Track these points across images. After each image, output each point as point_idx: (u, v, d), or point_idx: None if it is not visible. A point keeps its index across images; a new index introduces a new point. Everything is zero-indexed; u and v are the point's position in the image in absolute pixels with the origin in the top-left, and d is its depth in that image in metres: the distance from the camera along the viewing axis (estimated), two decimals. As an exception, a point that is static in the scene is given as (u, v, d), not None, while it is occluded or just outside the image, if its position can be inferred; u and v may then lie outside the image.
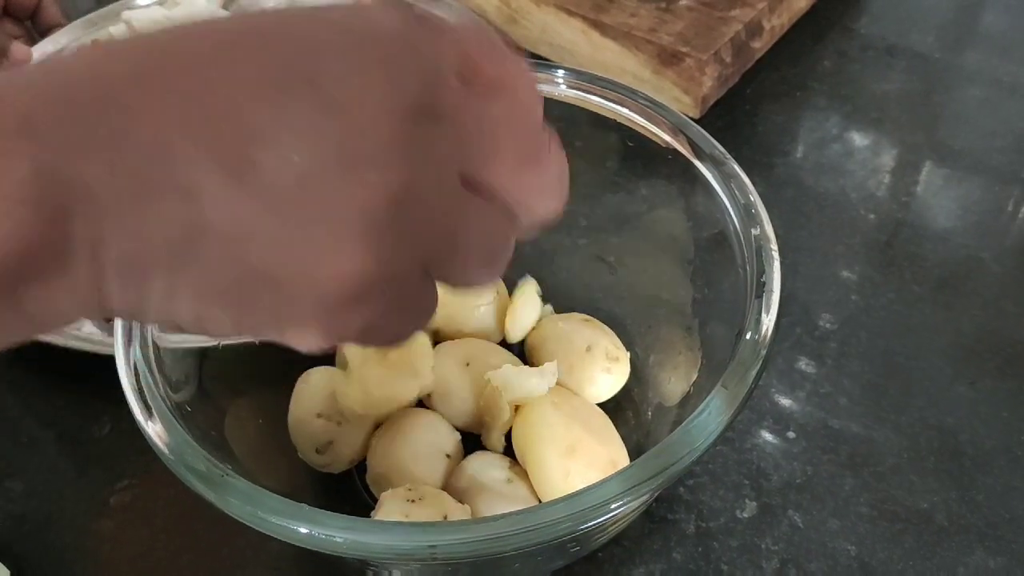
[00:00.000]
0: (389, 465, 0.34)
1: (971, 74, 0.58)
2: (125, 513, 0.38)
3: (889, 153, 0.53)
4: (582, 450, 0.32)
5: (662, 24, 0.54)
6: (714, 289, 0.35)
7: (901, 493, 0.37)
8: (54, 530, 0.37)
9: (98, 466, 0.39)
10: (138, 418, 0.27)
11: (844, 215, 0.49)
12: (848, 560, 0.35)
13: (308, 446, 0.34)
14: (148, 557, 0.36)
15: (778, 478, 0.38)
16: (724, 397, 0.26)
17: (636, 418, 0.37)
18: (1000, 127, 0.54)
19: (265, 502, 0.25)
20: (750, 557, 0.36)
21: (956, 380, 0.41)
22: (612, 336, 0.37)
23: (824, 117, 0.56)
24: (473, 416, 0.36)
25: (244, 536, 0.37)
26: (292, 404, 0.36)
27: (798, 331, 0.43)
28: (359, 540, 0.24)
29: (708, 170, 0.33)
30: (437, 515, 0.31)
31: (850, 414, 0.40)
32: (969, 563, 0.35)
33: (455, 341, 0.38)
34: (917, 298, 0.45)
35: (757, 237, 0.30)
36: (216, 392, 0.33)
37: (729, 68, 0.55)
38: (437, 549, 0.23)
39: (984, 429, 0.39)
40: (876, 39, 0.61)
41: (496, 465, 0.34)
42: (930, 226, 0.49)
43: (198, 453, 0.26)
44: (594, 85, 0.36)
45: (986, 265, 0.46)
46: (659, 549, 0.36)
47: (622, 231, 0.39)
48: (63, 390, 0.43)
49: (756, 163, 0.52)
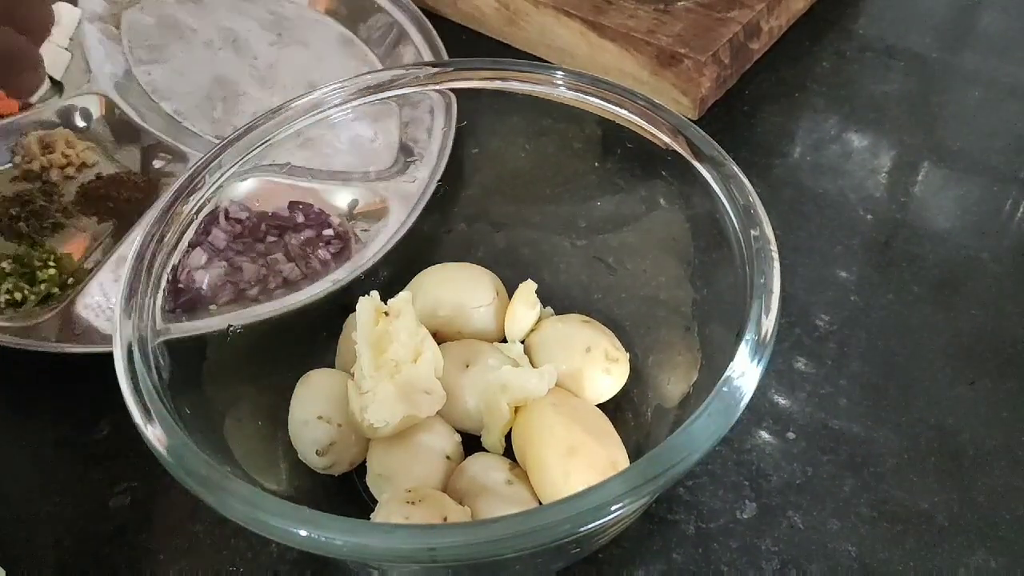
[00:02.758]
0: (389, 467, 0.34)
1: (969, 75, 0.58)
2: (124, 516, 0.38)
3: (887, 154, 0.53)
4: (582, 451, 0.32)
5: (660, 26, 0.54)
6: (713, 290, 0.35)
7: (901, 493, 0.37)
8: (53, 533, 0.37)
9: (97, 469, 0.39)
10: (137, 421, 0.27)
11: (843, 216, 0.49)
12: (849, 561, 0.35)
13: (308, 448, 0.34)
14: (147, 560, 0.36)
15: (778, 479, 0.38)
16: (724, 398, 0.26)
17: (636, 419, 0.37)
18: (998, 127, 0.54)
19: (265, 505, 0.25)
20: (750, 558, 0.36)
21: (956, 380, 0.41)
22: (612, 337, 0.37)
23: (822, 118, 0.56)
24: (473, 418, 0.36)
25: (244, 538, 0.37)
26: (292, 406, 0.36)
27: (797, 332, 0.43)
28: (359, 543, 0.24)
29: (707, 171, 0.33)
30: (437, 517, 0.31)
31: (850, 415, 0.40)
32: (970, 563, 0.35)
33: (455, 342, 0.38)
34: (916, 298, 0.45)
35: (756, 238, 0.30)
36: (215, 395, 0.33)
37: (727, 69, 0.55)
38: (437, 552, 0.23)
39: (984, 429, 0.39)
40: (874, 40, 0.61)
41: (496, 467, 0.34)
42: (929, 226, 0.49)
43: (197, 456, 0.26)
44: (593, 87, 0.36)
45: (985, 265, 0.46)
46: (659, 550, 0.36)
47: (621, 232, 0.40)
48: (63, 393, 0.42)
49: (755, 164, 0.53)
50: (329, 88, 0.37)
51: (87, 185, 0.51)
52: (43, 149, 0.52)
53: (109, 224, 0.49)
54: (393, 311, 0.34)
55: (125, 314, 0.30)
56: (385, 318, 0.34)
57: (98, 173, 0.52)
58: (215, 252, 0.38)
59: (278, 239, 0.42)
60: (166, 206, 0.34)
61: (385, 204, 0.44)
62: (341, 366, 0.39)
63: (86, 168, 0.53)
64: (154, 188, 0.51)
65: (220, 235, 0.38)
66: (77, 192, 0.51)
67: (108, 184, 0.51)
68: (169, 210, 0.33)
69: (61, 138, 0.53)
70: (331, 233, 0.43)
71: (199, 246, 0.36)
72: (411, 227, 0.42)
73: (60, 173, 0.52)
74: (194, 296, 0.37)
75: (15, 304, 0.44)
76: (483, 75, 0.38)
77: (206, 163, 0.35)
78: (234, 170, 0.36)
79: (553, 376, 0.35)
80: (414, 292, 0.38)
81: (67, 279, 0.46)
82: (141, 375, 0.28)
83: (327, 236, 0.43)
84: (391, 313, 0.34)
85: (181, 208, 0.34)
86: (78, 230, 0.49)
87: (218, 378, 0.33)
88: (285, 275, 0.41)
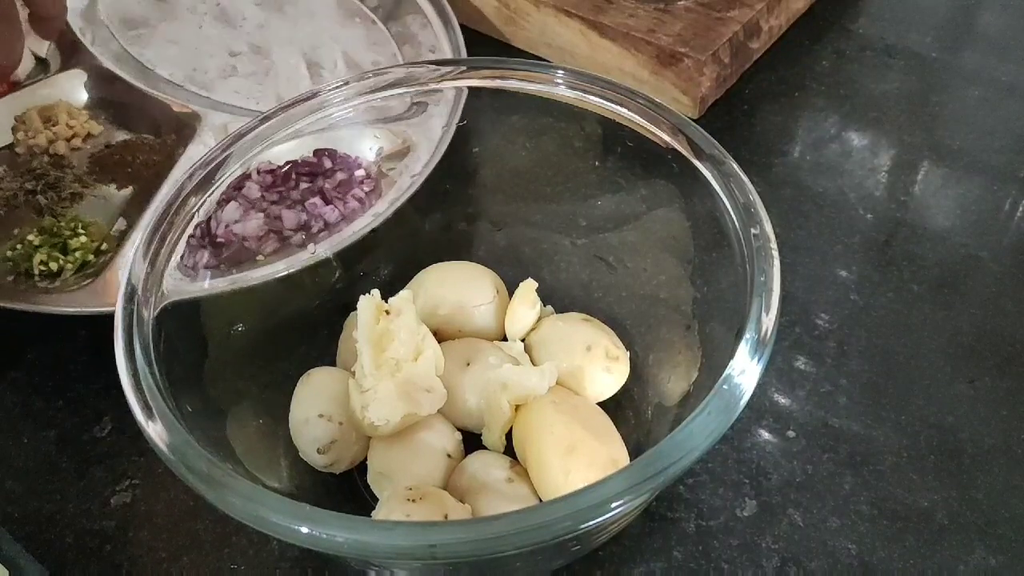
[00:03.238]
0: (390, 465, 0.34)
1: (969, 74, 0.58)
2: (126, 513, 0.38)
3: (887, 153, 0.53)
4: (582, 449, 0.32)
5: (661, 25, 0.54)
6: (713, 288, 0.35)
7: (901, 491, 0.37)
8: (55, 530, 0.37)
9: (99, 466, 0.40)
10: (139, 419, 0.27)
11: (842, 215, 0.49)
12: (848, 559, 0.35)
13: (309, 446, 0.35)
14: (149, 557, 0.36)
15: (778, 477, 0.38)
16: (724, 396, 0.26)
17: (636, 417, 0.37)
18: (998, 126, 0.54)
19: (266, 502, 0.25)
20: (750, 556, 0.36)
21: (955, 379, 0.41)
22: (612, 336, 0.38)
23: (822, 117, 0.56)
24: (474, 416, 0.36)
25: (245, 536, 0.37)
26: (293, 404, 0.36)
27: (797, 330, 0.44)
28: (360, 539, 0.24)
29: (707, 170, 0.33)
30: (438, 514, 0.31)
31: (849, 413, 0.40)
32: (969, 561, 0.35)
33: (455, 341, 0.38)
34: (916, 297, 0.45)
35: (756, 236, 0.30)
36: (217, 393, 0.33)
37: (727, 68, 0.55)
38: (437, 548, 0.23)
39: (983, 427, 0.39)
40: (874, 39, 0.61)
41: (497, 465, 0.34)
42: (928, 225, 0.49)
43: (199, 453, 0.26)
44: (593, 86, 0.36)
45: (984, 264, 0.46)
46: (659, 548, 0.36)
47: (622, 231, 0.40)
48: (63, 390, 0.43)
49: (754, 163, 0.53)
50: (330, 88, 0.38)
51: (99, 154, 0.51)
52: (45, 123, 0.51)
53: (129, 189, 0.49)
54: (394, 310, 0.34)
55: (126, 312, 0.30)
56: (386, 316, 0.34)
57: (107, 142, 0.51)
58: (250, 204, 0.38)
59: (311, 185, 0.42)
60: (171, 200, 0.34)
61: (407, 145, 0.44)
62: (342, 364, 0.39)
63: (92, 138, 0.52)
64: (170, 151, 0.51)
65: (253, 187, 0.39)
66: (89, 161, 0.50)
67: (122, 150, 0.51)
68: (166, 215, 0.34)
69: (62, 110, 0.52)
70: (363, 174, 0.44)
71: (232, 201, 0.36)
72: (412, 226, 0.42)
73: (66, 145, 0.51)
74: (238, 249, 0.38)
75: (51, 275, 0.44)
76: (484, 74, 0.38)
77: (210, 164, 0.35)
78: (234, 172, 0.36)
79: (553, 374, 0.35)
80: (415, 291, 0.38)
81: (100, 245, 0.45)
82: (143, 372, 0.28)
83: (359, 177, 0.44)
84: (392, 312, 0.34)
85: (184, 206, 0.34)
86: (99, 198, 0.49)
87: (220, 376, 0.33)
88: (326, 218, 0.42)
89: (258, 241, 0.40)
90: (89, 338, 0.45)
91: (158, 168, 0.50)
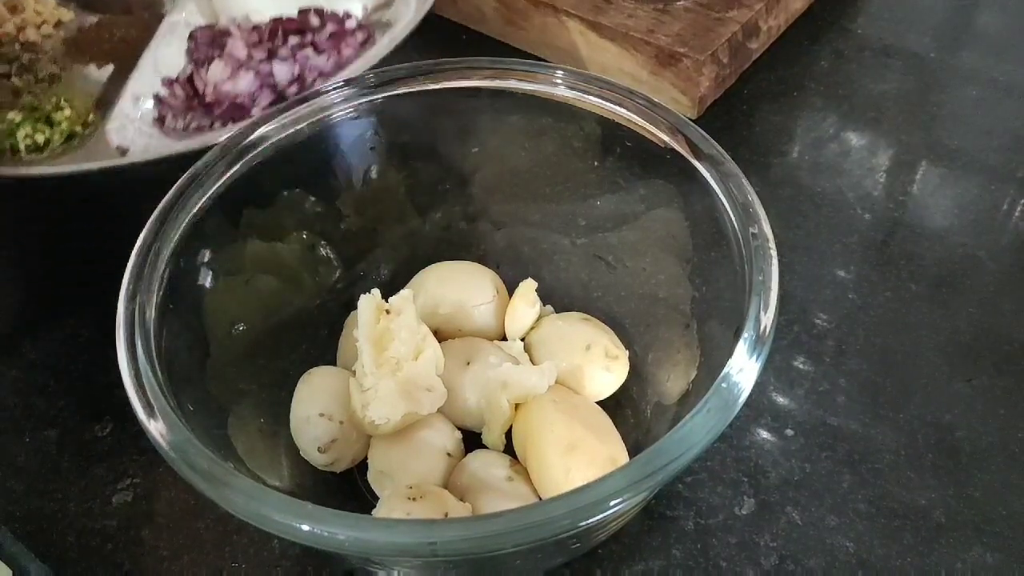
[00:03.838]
0: (390, 463, 0.34)
1: (967, 74, 0.59)
2: (127, 512, 0.38)
3: (886, 152, 0.54)
4: (582, 448, 0.32)
5: (660, 25, 0.54)
6: (712, 288, 0.35)
7: (899, 490, 0.38)
8: (56, 530, 0.38)
9: (100, 465, 0.40)
10: (140, 417, 0.27)
11: (841, 214, 0.49)
12: (846, 556, 0.36)
13: (310, 445, 0.35)
14: (150, 556, 0.37)
15: (776, 475, 0.38)
16: (722, 395, 0.27)
17: (635, 416, 0.37)
18: (996, 126, 0.55)
19: (268, 500, 0.25)
20: (748, 554, 0.36)
21: (953, 377, 0.42)
22: (611, 335, 0.38)
23: (821, 117, 0.56)
24: (474, 415, 0.36)
25: (246, 534, 0.37)
26: (294, 403, 0.36)
27: (796, 329, 0.44)
28: (361, 537, 0.24)
29: (706, 170, 0.33)
30: (438, 513, 0.31)
31: (848, 412, 0.40)
32: (967, 559, 0.35)
33: (456, 340, 0.38)
34: (914, 296, 0.45)
35: (755, 236, 0.30)
36: (218, 391, 0.33)
37: (726, 69, 0.55)
38: (438, 546, 0.23)
39: (981, 426, 0.40)
40: (872, 39, 0.62)
41: (497, 463, 0.34)
42: (927, 225, 0.49)
43: (200, 452, 0.26)
44: (592, 86, 0.36)
45: (983, 263, 0.47)
46: (658, 546, 0.36)
47: (621, 230, 0.40)
48: (64, 389, 0.43)
49: (753, 163, 0.53)
50: (330, 88, 0.38)
51: (73, 37, 0.49)
52: (11, 11, 0.50)
53: (110, 67, 0.48)
54: (394, 309, 0.34)
55: (127, 311, 0.30)
56: (386, 316, 0.34)
57: (79, 26, 0.50)
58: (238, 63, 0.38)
59: (301, 40, 0.42)
60: (171, 201, 0.34)
61: None
62: (343, 364, 0.39)
63: (63, 25, 0.50)
64: (146, 25, 0.49)
65: (238, 44, 0.38)
66: (64, 43, 0.49)
67: (97, 30, 0.49)
68: (169, 213, 0.34)
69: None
70: (354, 25, 0.44)
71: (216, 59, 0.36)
72: (412, 224, 0.42)
73: (37, 32, 0.49)
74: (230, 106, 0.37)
75: (38, 148, 0.43)
76: (483, 74, 0.38)
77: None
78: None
79: (553, 373, 0.35)
80: (415, 290, 0.38)
81: (87, 117, 0.45)
82: (144, 371, 0.28)
83: (350, 28, 0.44)
84: (392, 311, 0.34)
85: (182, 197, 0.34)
86: (78, 78, 0.47)
87: (221, 375, 0.34)
88: (320, 68, 0.42)
89: (251, 97, 0.39)
90: (90, 338, 0.45)
91: (136, 43, 0.48)
